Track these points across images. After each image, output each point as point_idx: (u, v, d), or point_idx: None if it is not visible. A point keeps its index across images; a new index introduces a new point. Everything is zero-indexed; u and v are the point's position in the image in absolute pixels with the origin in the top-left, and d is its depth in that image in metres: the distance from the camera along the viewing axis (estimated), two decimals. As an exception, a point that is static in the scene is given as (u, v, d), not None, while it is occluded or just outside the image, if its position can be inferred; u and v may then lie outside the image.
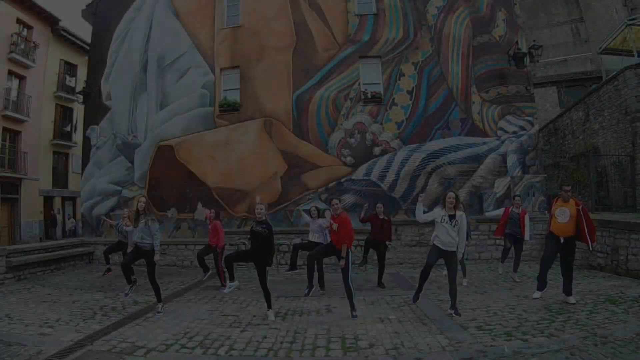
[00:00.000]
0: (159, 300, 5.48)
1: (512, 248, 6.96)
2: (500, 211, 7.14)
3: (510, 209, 6.92)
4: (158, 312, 5.37)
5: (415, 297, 5.15)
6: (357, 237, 8.86)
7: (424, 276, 5.02)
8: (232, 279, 5.89)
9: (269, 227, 5.03)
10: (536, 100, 11.86)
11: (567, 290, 5.26)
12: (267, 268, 5.16)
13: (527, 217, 6.75)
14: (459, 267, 6.89)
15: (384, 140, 10.21)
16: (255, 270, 5.24)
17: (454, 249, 4.82)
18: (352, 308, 5.01)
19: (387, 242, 6.83)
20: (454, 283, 4.86)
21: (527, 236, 6.70)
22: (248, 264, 7.65)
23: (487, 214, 7.92)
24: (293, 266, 6.73)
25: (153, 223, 5.41)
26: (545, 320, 4.58)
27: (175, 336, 4.47)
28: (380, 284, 6.83)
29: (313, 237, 6.70)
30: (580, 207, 5.22)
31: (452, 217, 4.81)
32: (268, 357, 3.87)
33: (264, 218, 5.10)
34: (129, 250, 5.83)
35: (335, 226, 5.27)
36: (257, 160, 10.39)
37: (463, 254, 5.31)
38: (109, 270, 8.10)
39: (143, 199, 5.56)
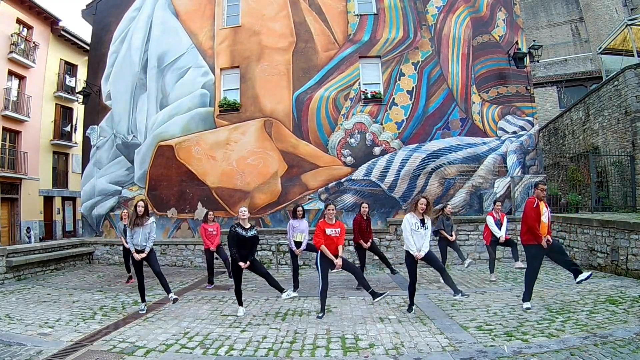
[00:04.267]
0: (169, 291, 5.49)
1: (510, 249, 7.19)
2: (492, 224, 6.97)
3: (492, 215, 7.01)
4: (174, 299, 5.41)
5: (410, 309, 5.18)
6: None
7: (413, 291, 5.10)
8: (241, 303, 5.40)
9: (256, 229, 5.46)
10: (536, 100, 11.87)
11: (578, 271, 4.99)
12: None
13: (505, 219, 7.07)
14: (454, 254, 7.15)
15: (384, 140, 10.21)
16: (253, 269, 5.32)
17: (428, 249, 4.93)
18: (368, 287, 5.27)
19: (371, 239, 6.73)
20: (444, 270, 5.10)
21: (502, 232, 6.86)
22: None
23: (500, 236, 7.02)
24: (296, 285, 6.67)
25: (153, 225, 5.47)
26: (545, 320, 4.58)
27: (175, 336, 4.47)
28: (392, 271, 6.93)
29: (300, 237, 6.57)
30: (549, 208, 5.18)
31: (422, 221, 4.93)
32: (268, 357, 3.87)
33: (249, 223, 5.33)
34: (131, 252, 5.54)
35: (338, 231, 5.19)
36: (257, 160, 10.39)
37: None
38: (130, 278, 7.66)
39: (142, 202, 5.42)
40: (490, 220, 6.95)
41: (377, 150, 10.18)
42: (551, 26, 20.73)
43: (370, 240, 6.70)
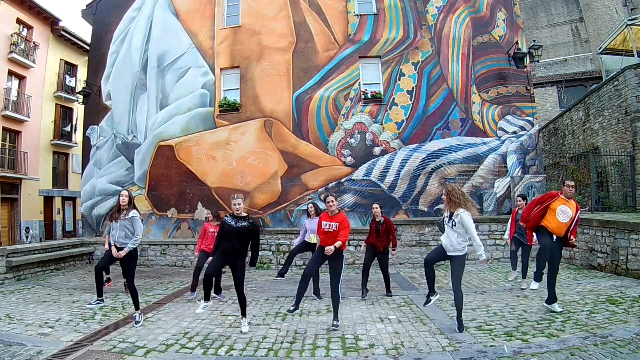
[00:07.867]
0: (137, 307, 4.88)
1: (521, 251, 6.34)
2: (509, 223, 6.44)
3: (516, 211, 6.33)
4: (137, 322, 4.76)
5: (427, 301, 4.52)
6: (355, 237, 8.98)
7: (428, 274, 4.48)
8: (207, 298, 4.71)
9: (255, 221, 4.72)
10: (536, 100, 11.87)
11: (553, 298, 4.82)
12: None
13: None
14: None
15: (384, 140, 10.22)
16: (252, 269, 5.13)
17: (457, 253, 4.25)
18: (335, 317, 4.58)
19: (391, 250, 6.20)
20: (457, 290, 4.27)
21: (506, 235, 6.41)
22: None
23: (505, 237, 6.72)
24: (282, 274, 6.21)
25: (136, 219, 4.85)
26: (545, 320, 4.58)
27: (175, 336, 4.47)
28: (388, 292, 6.24)
29: (311, 239, 6.11)
30: (579, 212, 4.84)
31: (451, 215, 4.32)
32: (268, 357, 3.87)
33: (245, 213, 4.66)
34: (105, 250, 4.93)
35: (334, 226, 4.77)
36: (257, 160, 10.39)
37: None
38: (108, 280, 7.09)
39: (125, 192, 4.93)
40: (510, 220, 6.37)
41: (377, 150, 10.19)
42: (551, 26, 20.73)
43: (383, 248, 6.05)
